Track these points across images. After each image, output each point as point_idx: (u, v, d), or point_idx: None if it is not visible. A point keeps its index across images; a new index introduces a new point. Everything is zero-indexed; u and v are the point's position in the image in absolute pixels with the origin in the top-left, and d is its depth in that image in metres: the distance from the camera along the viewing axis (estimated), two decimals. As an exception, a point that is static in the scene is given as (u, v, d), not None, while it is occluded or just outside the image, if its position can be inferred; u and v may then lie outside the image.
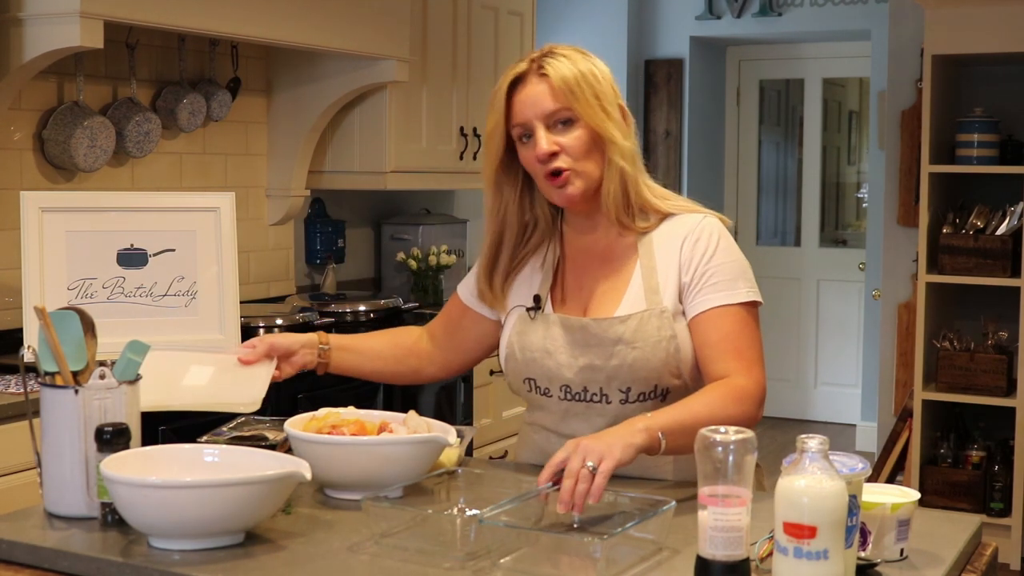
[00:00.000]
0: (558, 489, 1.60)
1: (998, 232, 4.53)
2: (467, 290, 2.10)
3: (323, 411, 1.87)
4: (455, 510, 1.70)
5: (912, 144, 5.24)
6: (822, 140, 7.05)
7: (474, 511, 1.60)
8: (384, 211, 4.65)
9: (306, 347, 2.06)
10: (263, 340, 2.05)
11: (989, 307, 4.71)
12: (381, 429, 1.82)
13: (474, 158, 4.43)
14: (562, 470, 1.63)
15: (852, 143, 7.64)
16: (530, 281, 2.00)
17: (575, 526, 1.62)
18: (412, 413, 1.86)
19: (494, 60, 4.56)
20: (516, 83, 1.90)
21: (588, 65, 1.89)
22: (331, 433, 1.78)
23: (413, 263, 4.39)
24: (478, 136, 4.43)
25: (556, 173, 1.88)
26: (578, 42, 2.14)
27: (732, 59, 7.04)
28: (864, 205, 7.13)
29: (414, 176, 4.18)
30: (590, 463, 1.60)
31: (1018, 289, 4.50)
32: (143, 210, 3.05)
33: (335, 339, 2.10)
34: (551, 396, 1.95)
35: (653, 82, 6.62)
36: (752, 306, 1.91)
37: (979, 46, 4.50)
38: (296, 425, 1.82)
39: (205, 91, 3.68)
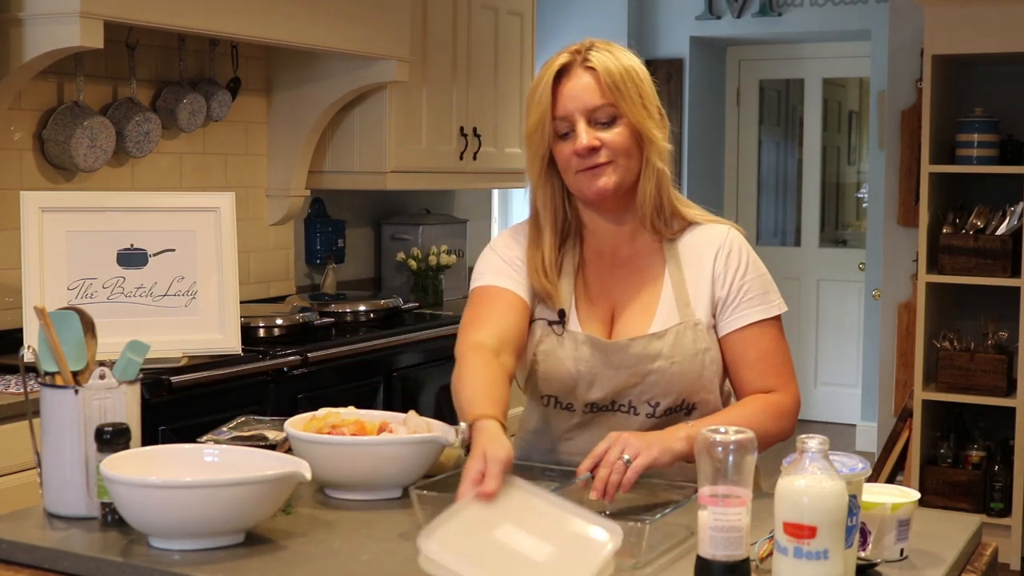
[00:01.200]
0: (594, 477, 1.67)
1: (998, 232, 4.53)
2: (519, 286, 1.91)
3: (323, 411, 1.86)
4: None
5: (912, 144, 5.24)
6: (822, 140, 7.05)
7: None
8: (384, 211, 4.65)
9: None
10: (495, 464, 1.51)
11: (989, 307, 4.71)
12: (381, 429, 1.81)
13: (474, 158, 4.43)
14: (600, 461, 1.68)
15: (852, 143, 7.64)
16: (560, 283, 1.92)
17: (607, 514, 1.65)
18: (412, 413, 1.86)
19: (494, 60, 4.56)
20: (560, 75, 1.84)
21: (631, 61, 1.86)
22: (331, 433, 1.78)
23: (413, 263, 4.40)
24: (478, 136, 4.43)
25: (594, 165, 1.83)
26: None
27: (732, 59, 7.04)
28: (864, 205, 7.13)
29: (414, 176, 4.18)
30: (626, 456, 1.66)
31: (1018, 289, 4.50)
32: (143, 210, 3.06)
33: (500, 415, 1.66)
34: (574, 411, 1.93)
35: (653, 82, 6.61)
36: (781, 316, 1.93)
37: (979, 46, 4.50)
38: (296, 425, 1.82)
39: (205, 91, 3.68)
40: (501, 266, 1.93)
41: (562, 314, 1.90)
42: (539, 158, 1.88)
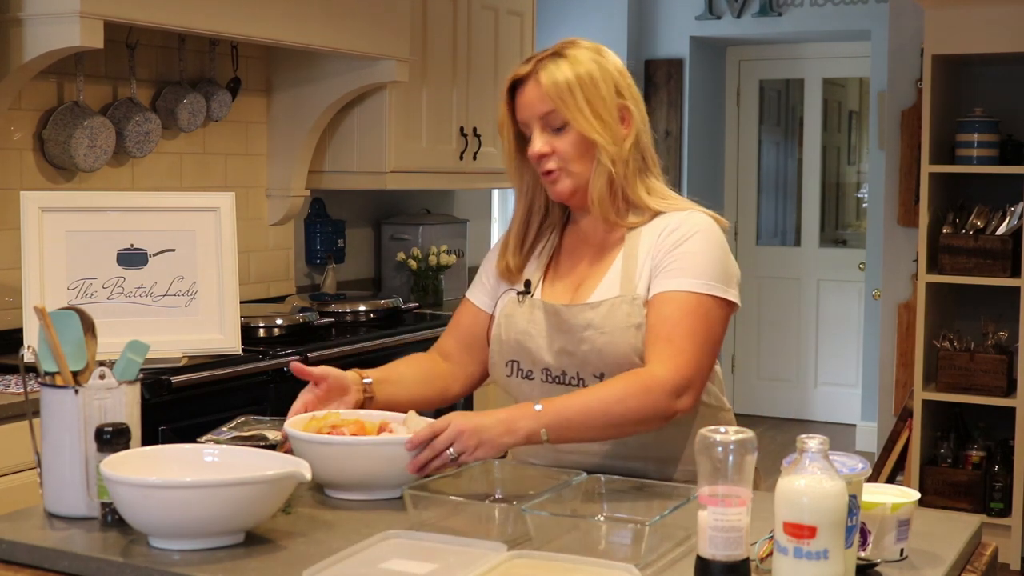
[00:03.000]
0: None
1: (998, 232, 4.53)
2: (483, 294, 2.10)
3: (323, 411, 1.87)
4: (491, 499, 1.73)
5: (912, 144, 5.24)
6: (822, 140, 7.05)
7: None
8: (384, 211, 4.65)
9: (355, 384, 1.97)
10: (323, 370, 1.95)
11: (989, 307, 4.71)
12: (381, 429, 1.82)
13: (474, 158, 4.43)
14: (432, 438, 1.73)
15: (852, 143, 7.64)
16: (531, 265, 2.04)
17: (603, 517, 1.65)
18: (412, 413, 1.86)
19: (494, 60, 4.56)
20: (519, 83, 1.96)
21: (590, 67, 1.92)
22: (331, 433, 1.78)
23: (413, 263, 4.40)
24: (478, 136, 4.43)
25: (548, 171, 1.94)
26: (578, 43, 2.13)
27: (732, 59, 7.04)
28: (864, 205, 7.13)
29: (414, 176, 4.18)
30: (452, 452, 1.71)
31: (1018, 289, 4.50)
32: (143, 210, 3.06)
33: (371, 373, 2.01)
34: (533, 379, 1.96)
35: (653, 82, 6.62)
36: (715, 301, 1.85)
37: (979, 46, 4.51)
38: (296, 425, 1.82)
39: (205, 91, 3.68)
40: (479, 276, 2.12)
41: (528, 284, 2.01)
42: (507, 151, 2.01)
